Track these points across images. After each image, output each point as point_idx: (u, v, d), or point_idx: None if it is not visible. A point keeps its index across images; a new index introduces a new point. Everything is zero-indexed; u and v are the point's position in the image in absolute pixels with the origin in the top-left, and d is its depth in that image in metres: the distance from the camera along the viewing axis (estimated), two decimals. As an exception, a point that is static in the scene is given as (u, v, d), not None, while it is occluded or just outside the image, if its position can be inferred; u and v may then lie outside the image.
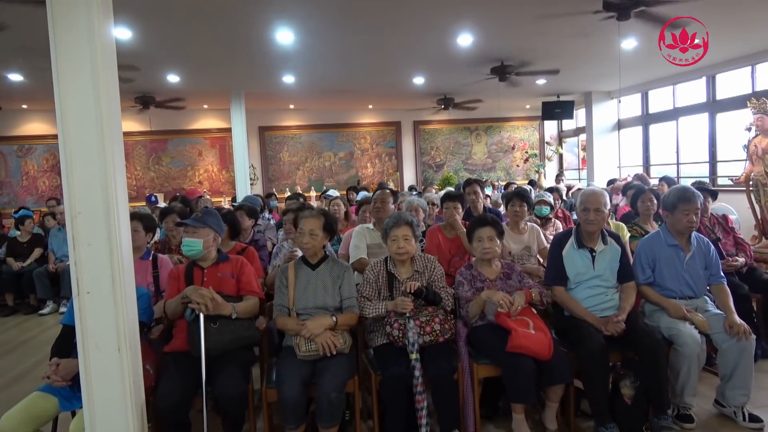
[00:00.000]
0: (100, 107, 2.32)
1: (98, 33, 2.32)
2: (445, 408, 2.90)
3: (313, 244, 3.03)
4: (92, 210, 2.34)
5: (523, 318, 2.99)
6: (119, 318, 2.37)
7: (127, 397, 2.40)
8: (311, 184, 13.36)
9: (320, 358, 2.81)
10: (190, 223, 3.06)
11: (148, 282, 3.39)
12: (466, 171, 14.14)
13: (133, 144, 12.59)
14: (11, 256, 6.98)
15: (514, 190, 4.53)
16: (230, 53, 7.45)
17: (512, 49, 7.73)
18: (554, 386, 2.93)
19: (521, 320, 2.97)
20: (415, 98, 11.92)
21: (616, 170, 11.92)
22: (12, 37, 6.01)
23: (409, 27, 6.49)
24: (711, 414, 3.24)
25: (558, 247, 3.33)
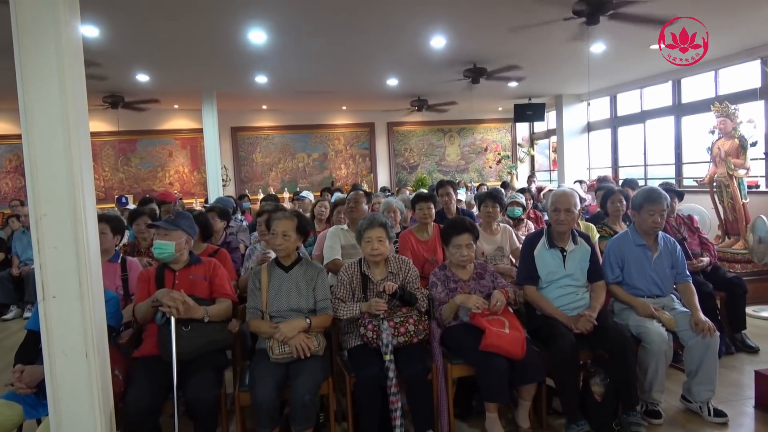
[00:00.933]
0: (66, 106, 2.26)
1: (64, 30, 2.26)
2: (419, 408, 2.91)
3: (286, 245, 3.01)
4: (58, 212, 2.27)
5: (499, 318, 3.02)
6: (86, 322, 2.31)
7: (95, 404, 2.34)
8: (284, 186, 13.26)
9: (294, 361, 2.79)
10: (162, 225, 3.01)
11: (116, 285, 3.31)
12: (440, 172, 14.23)
13: (101, 144, 12.32)
14: (-28, 259, 6.75)
15: (487, 191, 4.58)
16: (201, 52, 7.35)
17: (485, 51, 7.81)
18: (527, 385, 2.97)
19: (497, 320, 3.00)
20: (388, 100, 11.95)
21: (586, 171, 12.14)
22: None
23: (383, 29, 6.50)
24: (678, 409, 3.32)
25: (529, 247, 3.38)
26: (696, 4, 5.39)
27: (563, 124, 12.20)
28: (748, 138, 6.13)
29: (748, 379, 3.60)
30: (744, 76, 7.97)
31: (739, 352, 4.24)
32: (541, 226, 4.97)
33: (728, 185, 6.15)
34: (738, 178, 6.09)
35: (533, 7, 5.64)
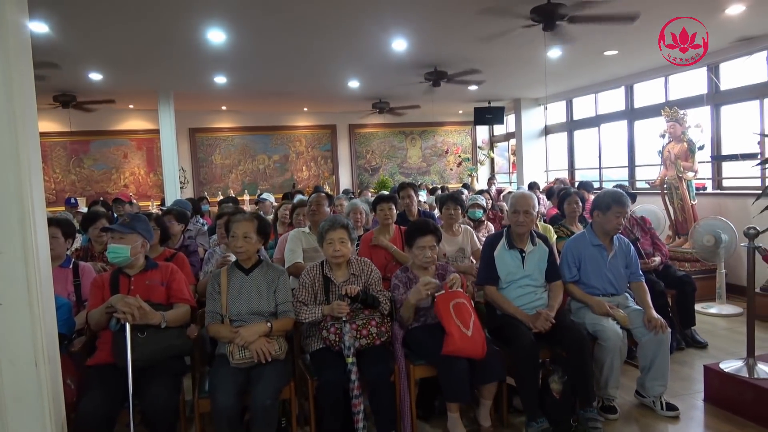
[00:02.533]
0: (12, 105, 2.17)
1: (11, 25, 2.17)
2: (382, 410, 2.91)
3: (247, 248, 2.97)
4: (4, 216, 2.18)
5: (463, 302, 3.00)
6: (36, 330, 2.22)
7: (45, 415, 2.25)
8: (245, 188, 13.06)
9: (255, 366, 2.75)
10: (117, 228, 2.92)
11: (68, 291, 3.20)
12: (402, 174, 14.29)
13: (52, 145, 11.86)
14: None
15: (449, 193, 4.63)
16: (158, 51, 7.17)
17: (445, 55, 7.89)
18: (488, 384, 3.01)
19: (465, 306, 2.98)
20: (350, 102, 11.92)
21: (544, 174, 12.41)
22: None
23: (344, 31, 6.48)
24: (632, 404, 3.43)
25: (490, 248, 3.43)
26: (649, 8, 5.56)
27: (522, 127, 12.43)
28: (696, 142, 6.40)
29: (698, 373, 3.74)
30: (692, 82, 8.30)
31: (689, 347, 4.41)
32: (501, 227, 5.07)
33: (678, 187, 6.39)
34: (687, 180, 6.34)
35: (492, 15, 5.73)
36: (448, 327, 2.89)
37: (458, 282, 3.09)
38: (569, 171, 11.74)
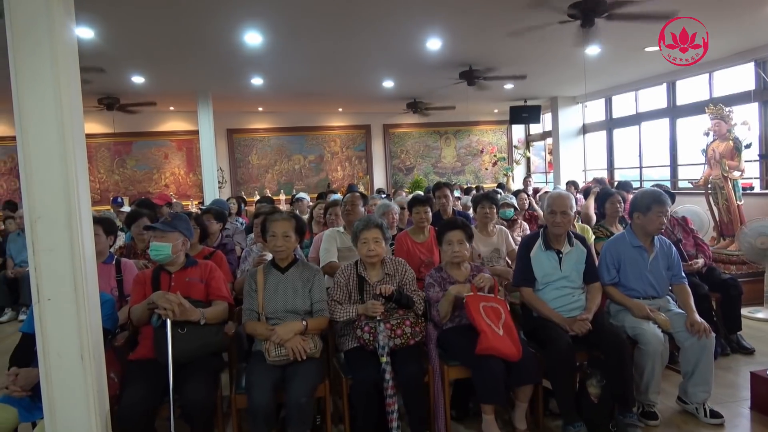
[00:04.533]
0: (60, 108, 2.25)
1: (59, 31, 2.25)
2: (415, 410, 2.90)
3: (287, 246, 3.01)
4: (53, 214, 2.26)
5: (497, 307, 3.00)
6: (82, 325, 2.30)
7: (90, 407, 2.33)
8: (280, 188, 13.24)
9: (290, 363, 2.78)
10: (159, 227, 3.00)
11: (111, 287, 3.30)
12: (436, 174, 14.24)
13: (97, 146, 12.28)
14: (-34, 262, 6.72)
15: (483, 193, 4.58)
16: (197, 54, 7.34)
17: (480, 54, 7.83)
18: (523, 386, 2.97)
19: (495, 308, 2.98)
20: (384, 101, 11.95)
21: (582, 173, 12.18)
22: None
23: (378, 31, 6.50)
24: (674, 411, 3.33)
25: (526, 249, 3.38)
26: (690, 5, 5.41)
27: (559, 126, 12.24)
28: (742, 140, 6.17)
29: (744, 380, 3.61)
30: (738, 78, 8.02)
31: (734, 353, 4.25)
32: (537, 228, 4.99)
33: (723, 187, 6.18)
34: (733, 179, 6.12)
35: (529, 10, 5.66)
36: (479, 325, 2.88)
37: (488, 282, 3.06)
38: (608, 170, 11.49)
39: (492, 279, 3.12)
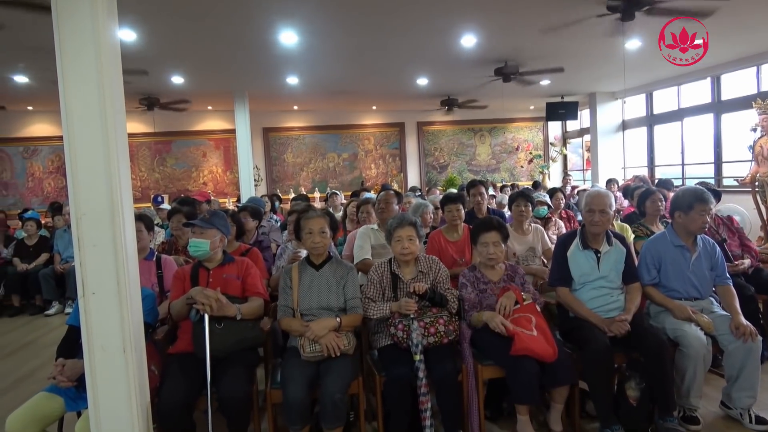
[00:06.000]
0: (105, 108, 2.32)
1: (103, 34, 2.32)
2: (449, 409, 2.89)
3: (323, 243, 3.04)
4: (97, 211, 2.34)
5: (526, 315, 2.98)
6: (124, 319, 2.37)
7: (132, 398, 2.40)
8: (315, 185, 13.36)
9: (324, 359, 2.81)
10: (198, 223, 3.07)
11: (152, 282, 3.40)
12: (470, 172, 14.13)
13: (138, 145, 12.63)
14: (17, 256, 7.01)
15: (519, 190, 4.53)
16: (234, 54, 7.47)
17: (516, 50, 7.72)
18: (558, 387, 2.92)
19: (524, 317, 2.96)
20: (418, 99, 11.92)
21: (621, 171, 11.89)
22: (17, 39, 6.05)
23: (413, 28, 6.49)
24: (717, 416, 3.22)
25: (562, 248, 3.33)
26: None
27: (597, 122, 11.97)
28: (792, 136, 5.91)
29: (793, 386, 3.47)
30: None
31: (782, 357, 4.08)
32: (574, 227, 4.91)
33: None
34: (782, 177, 5.87)
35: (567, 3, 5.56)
36: (511, 333, 2.87)
37: (511, 304, 3.02)
38: (649, 168, 11.19)
39: (514, 296, 3.06)
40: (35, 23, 5.31)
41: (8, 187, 12.20)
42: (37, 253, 7.05)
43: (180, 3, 5.27)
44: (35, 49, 6.38)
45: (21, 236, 7.27)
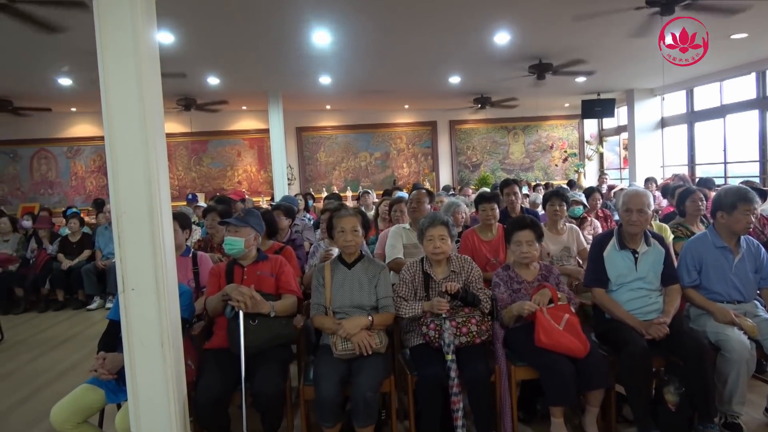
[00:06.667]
0: (144, 109, 2.38)
1: (142, 37, 2.38)
2: (481, 410, 2.87)
3: (356, 241, 3.06)
4: (137, 210, 2.40)
5: (558, 312, 2.94)
6: (162, 314, 2.43)
7: (169, 392, 2.46)
8: (347, 184, 13.43)
9: (356, 357, 2.83)
10: (233, 222, 3.12)
11: (188, 279, 3.47)
12: (503, 171, 13.98)
13: (175, 145, 12.92)
14: (62, 253, 7.26)
15: (553, 189, 4.46)
16: (268, 55, 7.57)
17: (551, 46, 7.60)
18: (594, 390, 2.87)
19: (556, 313, 2.92)
20: (451, 98, 11.86)
21: (660, 170, 11.58)
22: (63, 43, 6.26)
23: (445, 26, 6.45)
24: (761, 423, 3.11)
25: (598, 248, 3.26)
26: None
27: (635, 120, 11.69)
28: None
29: (843, 393, 3.32)
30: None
31: (832, 364, 3.91)
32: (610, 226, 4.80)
33: (821, 184, 5.69)
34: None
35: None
36: (539, 321, 2.86)
37: (547, 297, 2.98)
38: (689, 166, 10.87)
39: (549, 293, 3.02)
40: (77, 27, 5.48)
41: (53, 186, 12.65)
42: (80, 250, 7.29)
43: (216, 5, 5.37)
44: (79, 52, 6.60)
45: (65, 233, 7.53)
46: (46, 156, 12.57)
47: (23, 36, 5.79)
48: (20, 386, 4.29)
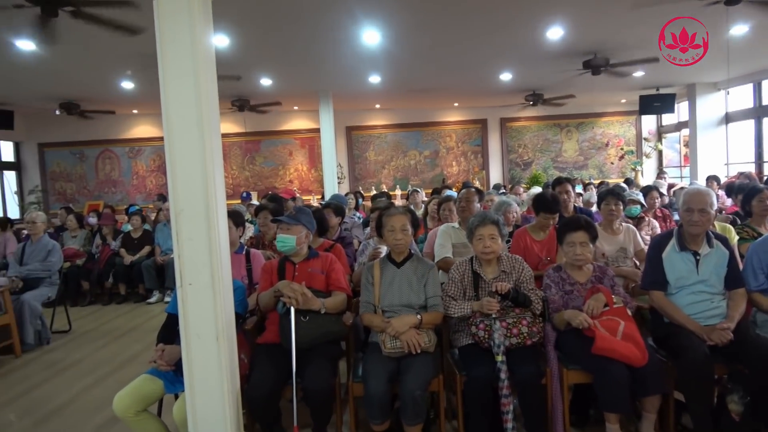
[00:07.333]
0: (201, 110, 2.46)
1: (199, 41, 2.46)
2: (531, 413, 2.82)
3: (405, 240, 3.06)
4: (194, 207, 2.49)
5: (614, 318, 2.84)
6: (217, 309, 2.51)
7: (224, 384, 2.54)
8: (396, 183, 13.46)
9: (405, 356, 2.83)
10: (285, 220, 3.19)
11: (242, 275, 3.56)
12: (556, 169, 13.65)
13: (230, 145, 13.29)
14: (124, 248, 7.61)
15: (608, 188, 4.32)
16: (319, 56, 7.68)
17: (606, 40, 7.36)
18: (650, 396, 2.76)
19: (612, 320, 2.83)
20: (502, 95, 11.68)
21: (723, 167, 11.03)
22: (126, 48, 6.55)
23: (496, 22, 6.36)
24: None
25: (657, 249, 3.14)
26: None
27: (697, 115, 11.17)
28: None
29: None
30: None
31: None
32: (669, 227, 4.61)
33: None
34: None
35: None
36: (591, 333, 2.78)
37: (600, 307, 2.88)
38: (756, 164, 10.30)
39: (603, 298, 2.93)
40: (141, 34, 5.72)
41: (116, 185, 13.26)
42: (141, 246, 7.62)
43: (269, 8, 5.49)
44: (140, 56, 6.89)
45: (127, 230, 7.89)
46: (110, 156, 13.18)
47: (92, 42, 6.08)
48: (86, 374, 4.53)
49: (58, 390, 4.21)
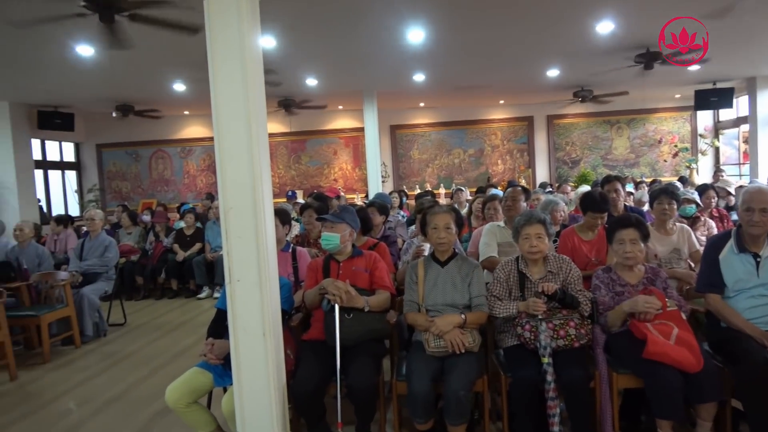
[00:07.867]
0: (249, 111, 2.53)
1: (247, 43, 2.53)
2: (579, 417, 2.76)
3: (449, 238, 3.05)
4: (242, 205, 2.55)
5: (667, 322, 2.74)
6: (264, 305, 2.57)
7: (270, 379, 2.59)
8: (440, 182, 13.39)
9: (449, 355, 2.82)
10: (329, 218, 3.23)
11: (288, 273, 3.63)
12: (605, 167, 13.27)
13: (276, 144, 13.53)
14: (177, 244, 7.87)
15: (661, 186, 4.17)
16: (364, 55, 7.71)
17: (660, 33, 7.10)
18: (705, 404, 2.66)
19: (664, 324, 2.73)
20: (548, 91, 11.43)
21: (787, 165, 10.47)
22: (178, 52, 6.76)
23: (542, 17, 6.23)
24: None
25: (714, 250, 3.01)
26: None
27: (758, 110, 10.63)
28: None
29: None
30: None
31: None
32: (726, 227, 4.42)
33: None
34: None
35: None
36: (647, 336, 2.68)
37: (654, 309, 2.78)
38: (823, 161, 9.72)
39: (657, 295, 2.83)
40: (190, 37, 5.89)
41: (168, 184, 13.72)
42: (193, 243, 7.86)
43: (315, 8, 5.55)
44: (191, 60, 7.10)
45: (179, 227, 8.16)
46: (163, 156, 13.65)
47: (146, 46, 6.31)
48: (139, 366, 4.72)
49: (114, 380, 4.40)
